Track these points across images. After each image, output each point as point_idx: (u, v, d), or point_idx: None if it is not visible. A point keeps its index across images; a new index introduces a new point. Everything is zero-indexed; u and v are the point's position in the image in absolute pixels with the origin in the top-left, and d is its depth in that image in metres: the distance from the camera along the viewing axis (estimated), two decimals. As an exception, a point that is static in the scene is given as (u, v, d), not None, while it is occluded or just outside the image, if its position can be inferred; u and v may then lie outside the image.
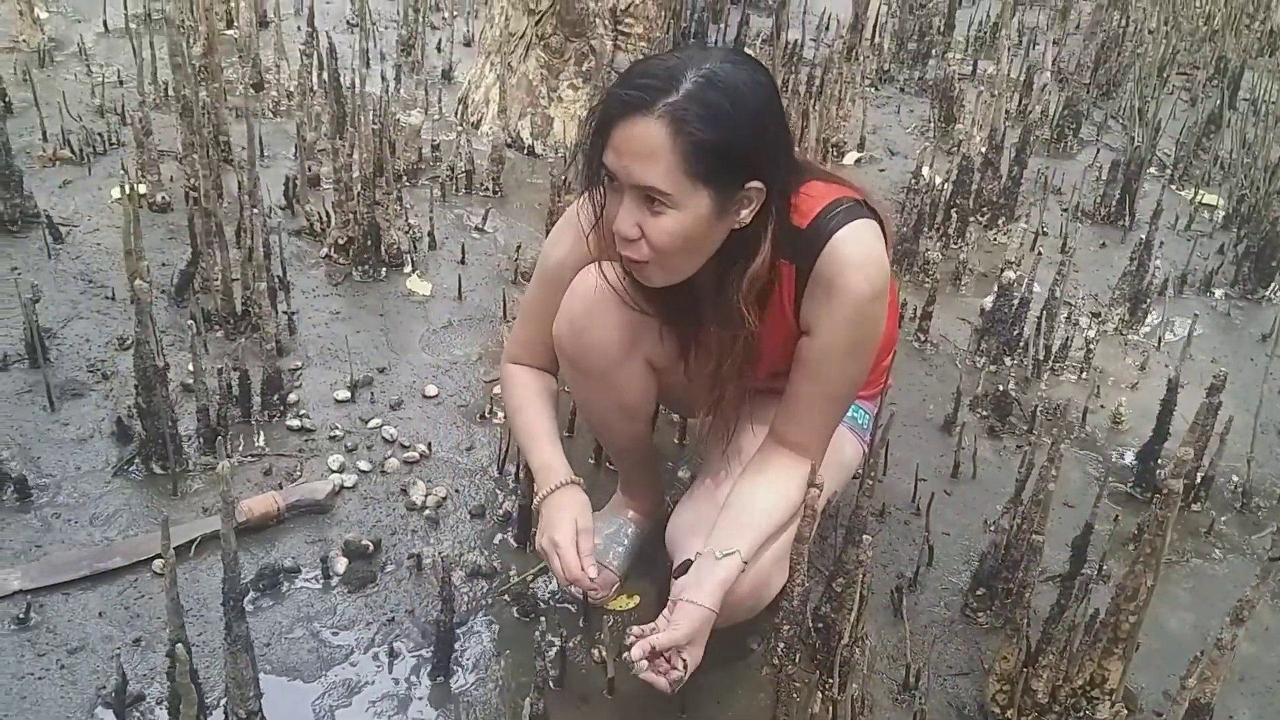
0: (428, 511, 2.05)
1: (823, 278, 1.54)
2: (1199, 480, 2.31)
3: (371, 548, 1.94)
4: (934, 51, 4.57)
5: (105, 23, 3.92)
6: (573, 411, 2.24)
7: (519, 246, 2.90)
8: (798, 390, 1.64)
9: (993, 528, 2.12)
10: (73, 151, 3.08)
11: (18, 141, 3.01)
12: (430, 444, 2.23)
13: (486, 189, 3.25)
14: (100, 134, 3.16)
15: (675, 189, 1.42)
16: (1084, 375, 2.73)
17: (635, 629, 1.51)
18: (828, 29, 4.56)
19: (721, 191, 1.45)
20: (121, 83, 3.53)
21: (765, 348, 1.64)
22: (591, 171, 1.52)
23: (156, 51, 3.42)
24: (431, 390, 2.40)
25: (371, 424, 2.27)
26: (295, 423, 2.24)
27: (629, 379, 1.73)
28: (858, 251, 1.53)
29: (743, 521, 1.60)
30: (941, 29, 4.77)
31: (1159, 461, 2.33)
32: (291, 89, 3.51)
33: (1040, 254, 2.94)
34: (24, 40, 3.65)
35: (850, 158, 3.71)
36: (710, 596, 1.52)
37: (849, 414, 1.84)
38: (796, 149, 1.68)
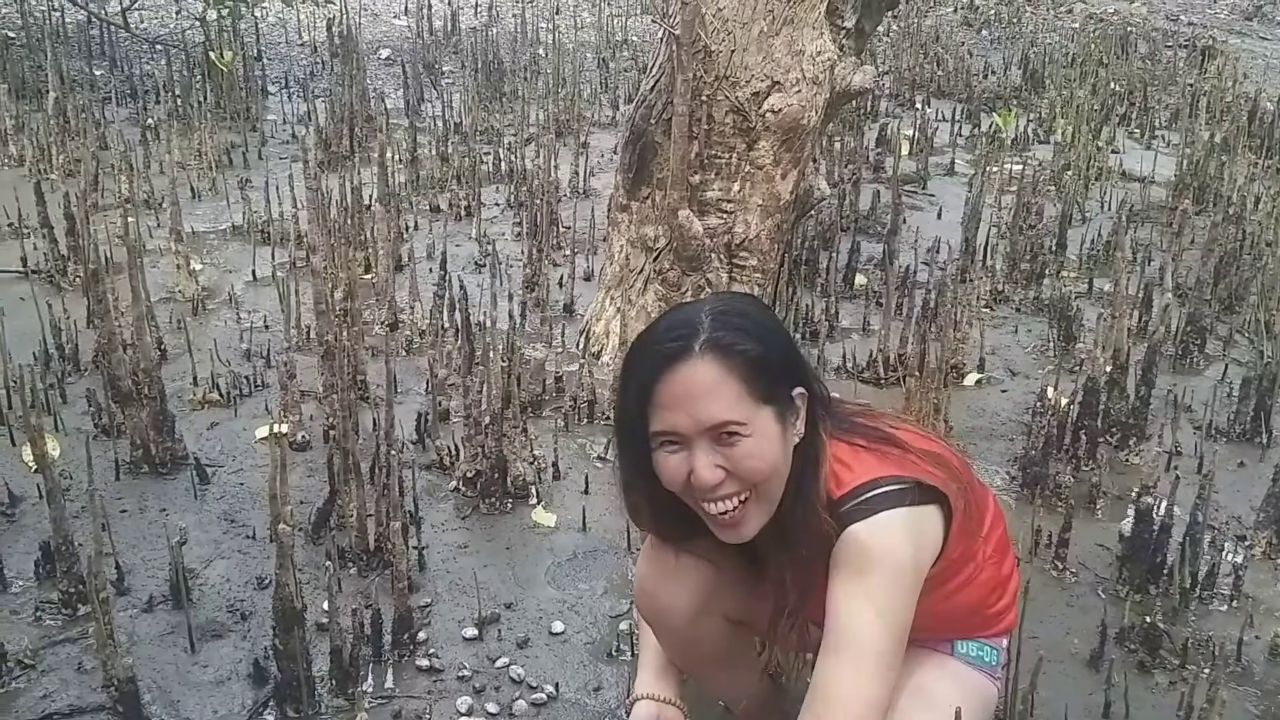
0: (556, 757, 2.02)
1: (837, 558, 1.51)
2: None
3: (500, 797, 1.91)
4: (1047, 271, 4.59)
5: (254, 272, 4.21)
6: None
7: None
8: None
9: (1153, 776, 1.99)
10: (220, 394, 3.26)
11: (171, 386, 3.20)
12: (558, 684, 2.21)
13: (608, 418, 3.31)
14: (247, 377, 3.35)
15: (747, 415, 1.45)
16: (1235, 604, 2.59)
17: None
18: (938, 252, 4.64)
19: (779, 404, 1.48)
20: (267, 327, 3.76)
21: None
22: (637, 459, 1.54)
23: (300, 298, 3.64)
24: (558, 627, 2.39)
25: (499, 663, 2.27)
26: (425, 662, 2.24)
27: (708, 636, 1.73)
28: (872, 542, 1.49)
29: None
30: (1053, 248, 4.80)
31: (1330, 700, 2.18)
32: (424, 328, 3.68)
33: (1177, 475, 2.85)
34: (180, 291, 3.93)
35: (970, 379, 3.70)
36: None
37: (975, 653, 1.78)
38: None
